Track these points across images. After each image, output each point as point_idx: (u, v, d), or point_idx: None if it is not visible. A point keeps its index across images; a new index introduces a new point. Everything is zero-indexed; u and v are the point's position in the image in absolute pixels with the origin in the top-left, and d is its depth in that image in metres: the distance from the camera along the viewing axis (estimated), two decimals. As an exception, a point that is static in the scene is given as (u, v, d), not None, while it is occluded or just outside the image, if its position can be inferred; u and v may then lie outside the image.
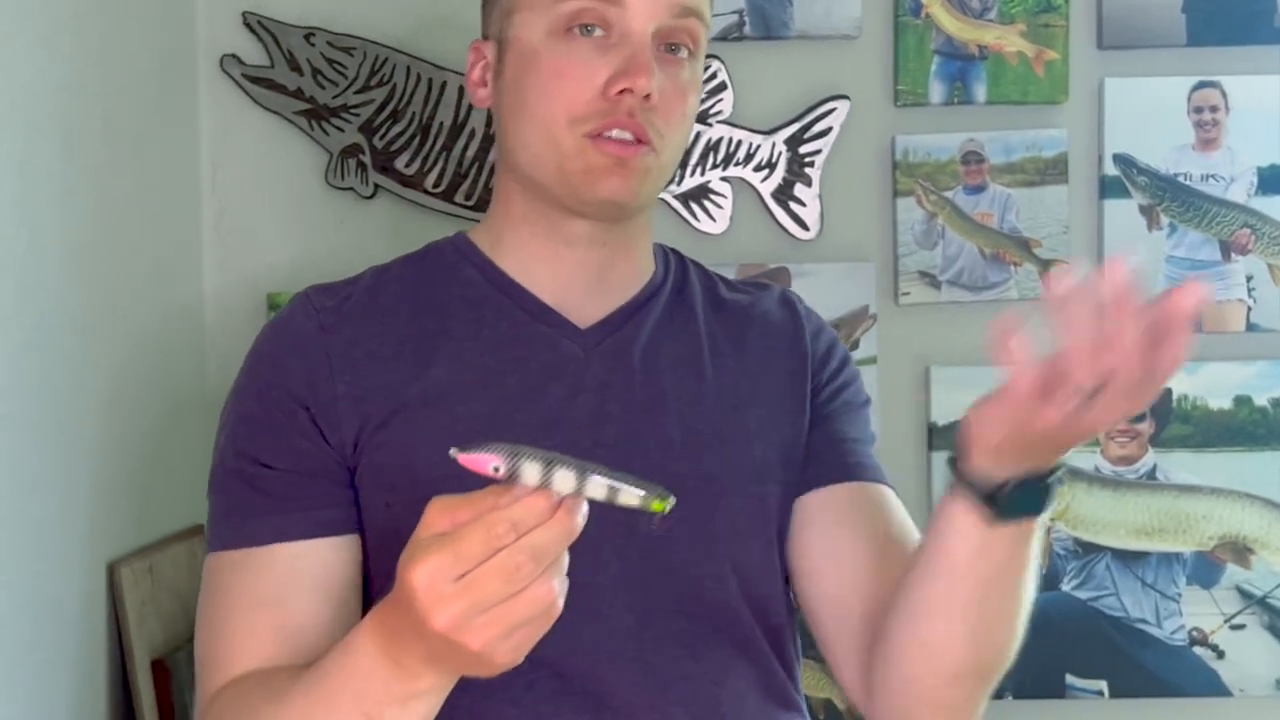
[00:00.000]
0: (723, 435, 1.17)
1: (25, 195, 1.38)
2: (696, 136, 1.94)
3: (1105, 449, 1.97)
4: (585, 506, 0.84)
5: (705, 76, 1.63)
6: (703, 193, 1.97)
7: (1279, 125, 1.97)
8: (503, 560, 0.82)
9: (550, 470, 0.83)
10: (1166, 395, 1.97)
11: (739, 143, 1.97)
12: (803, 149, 1.97)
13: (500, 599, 0.83)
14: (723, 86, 1.95)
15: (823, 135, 1.97)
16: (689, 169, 1.96)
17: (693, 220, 1.96)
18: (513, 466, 0.83)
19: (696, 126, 1.83)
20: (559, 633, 0.87)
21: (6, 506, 1.33)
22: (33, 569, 1.38)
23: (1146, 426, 1.97)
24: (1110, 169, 1.97)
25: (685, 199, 1.96)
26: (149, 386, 1.70)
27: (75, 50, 1.52)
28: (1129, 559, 1.98)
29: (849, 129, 1.97)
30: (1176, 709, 2.00)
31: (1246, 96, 1.97)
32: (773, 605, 1.18)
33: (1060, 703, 1.98)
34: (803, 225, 1.97)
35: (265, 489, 1.11)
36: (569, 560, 0.85)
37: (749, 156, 1.97)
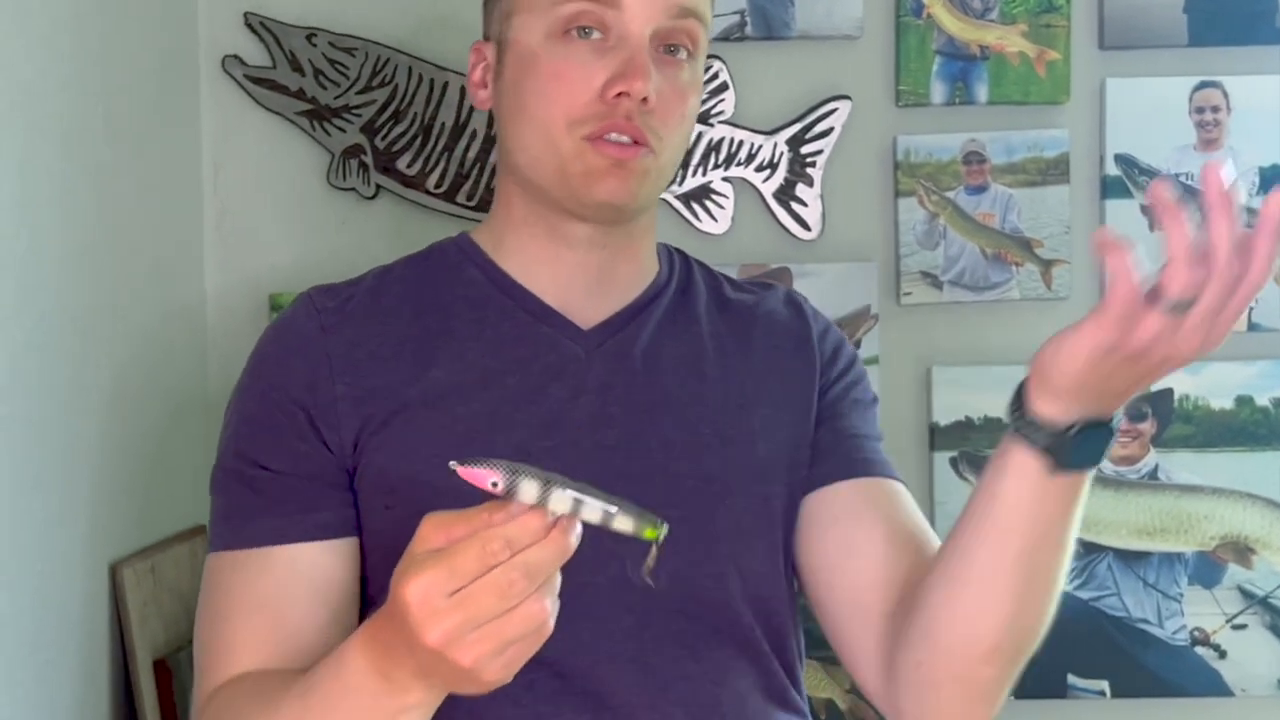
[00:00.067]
0: (726, 436, 1.17)
1: (26, 195, 1.38)
2: (698, 137, 1.93)
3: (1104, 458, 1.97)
4: (579, 527, 0.85)
5: (706, 77, 1.63)
6: (704, 193, 1.97)
7: (1280, 125, 1.98)
8: (496, 577, 0.83)
9: (547, 490, 0.83)
10: (1168, 395, 1.97)
11: (740, 143, 1.96)
12: (804, 149, 1.97)
13: (493, 615, 0.83)
14: (724, 87, 1.95)
15: (824, 135, 1.97)
16: (690, 169, 1.95)
17: (694, 220, 1.96)
18: (511, 483, 0.83)
19: (698, 127, 1.83)
20: (559, 633, 0.87)
21: (8, 507, 1.33)
22: (35, 569, 1.38)
23: (1148, 426, 1.97)
24: (1112, 169, 1.97)
25: (687, 199, 1.96)
26: (150, 387, 1.70)
27: (76, 50, 1.52)
28: (1131, 559, 1.98)
29: (850, 129, 1.97)
30: (1178, 709, 2.00)
31: (1248, 96, 1.96)
32: (775, 606, 1.18)
33: (1062, 703, 1.97)
34: (804, 225, 1.97)
35: (264, 491, 1.12)
36: (568, 559, 0.85)
37: (750, 157, 1.97)
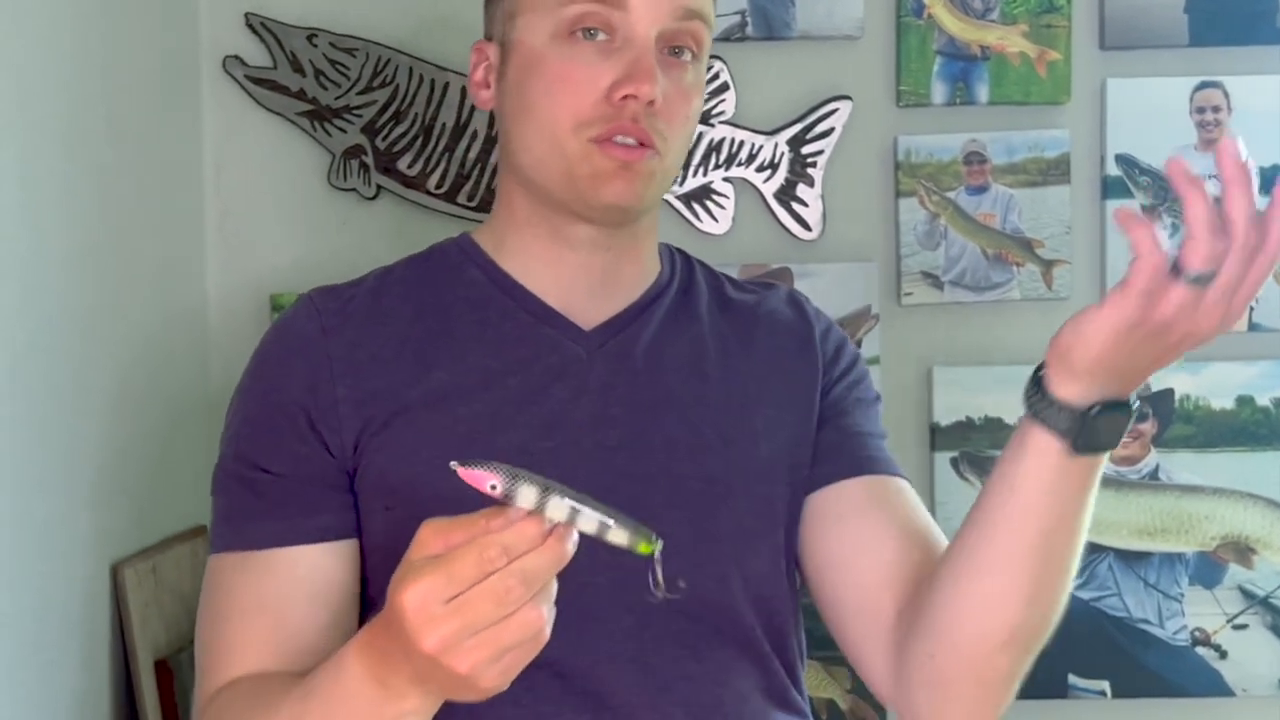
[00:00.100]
0: (727, 436, 1.17)
1: (28, 197, 1.38)
2: (699, 137, 1.94)
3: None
4: (576, 535, 0.85)
5: (707, 77, 1.63)
6: (705, 193, 1.97)
7: (1281, 125, 1.98)
8: (494, 584, 0.83)
9: (545, 497, 0.83)
10: (1169, 395, 1.97)
11: (741, 143, 1.96)
12: (805, 149, 1.97)
13: (490, 622, 0.84)
14: (725, 87, 1.95)
15: (825, 136, 1.97)
16: (691, 170, 1.95)
17: (695, 221, 1.96)
18: (510, 488, 0.83)
19: (699, 127, 1.83)
20: (559, 633, 0.87)
21: (10, 507, 1.33)
22: (37, 570, 1.39)
23: (1149, 427, 1.97)
24: (1112, 169, 1.97)
25: (688, 200, 1.96)
26: (152, 387, 1.70)
27: (77, 52, 1.52)
28: (1131, 559, 1.98)
29: (851, 129, 1.97)
30: (1179, 709, 2.00)
31: (1249, 97, 1.96)
32: (777, 606, 1.18)
33: (1063, 703, 1.97)
34: (805, 226, 1.97)
35: (264, 493, 1.12)
36: (568, 560, 0.86)
37: (751, 157, 1.97)
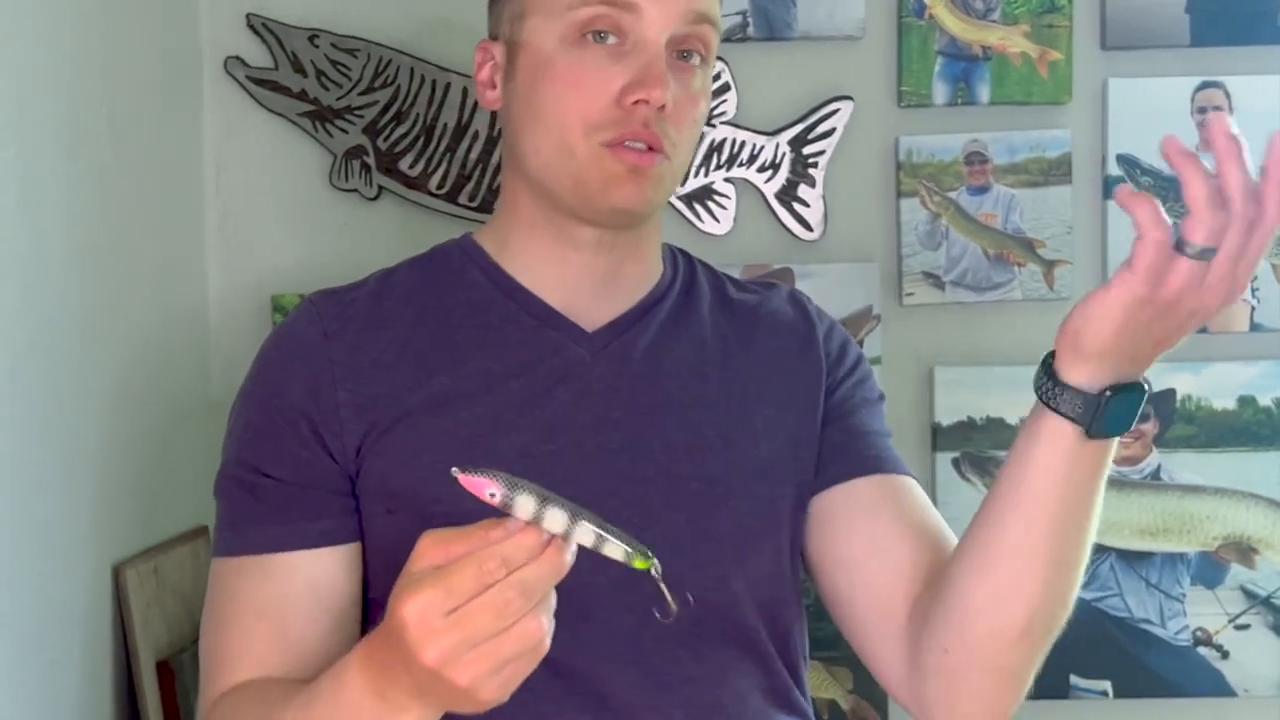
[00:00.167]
0: (727, 437, 1.17)
1: (29, 197, 1.38)
2: (700, 137, 1.93)
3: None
4: (575, 546, 0.85)
5: (709, 77, 1.63)
6: (706, 194, 1.97)
7: (1283, 125, 1.98)
8: (493, 596, 0.83)
9: (544, 508, 0.84)
10: (1170, 396, 1.96)
11: (743, 144, 1.96)
12: (806, 150, 1.97)
13: (490, 634, 0.84)
14: (726, 87, 1.95)
15: (826, 136, 1.97)
16: (693, 170, 1.95)
17: (696, 221, 1.96)
18: (508, 497, 0.83)
19: (700, 127, 1.83)
20: (560, 633, 0.87)
21: (12, 508, 1.33)
22: (38, 571, 1.39)
23: (1151, 427, 1.97)
24: (1114, 169, 1.97)
25: (689, 200, 1.96)
26: (153, 388, 1.70)
27: (78, 52, 1.52)
28: (1133, 559, 1.98)
29: (852, 130, 1.97)
30: (1181, 709, 2.00)
31: (1250, 97, 1.96)
32: (780, 607, 1.18)
33: (1064, 703, 1.97)
34: (806, 226, 1.97)
35: (266, 498, 1.12)
36: (566, 571, 0.86)
37: (753, 157, 1.97)
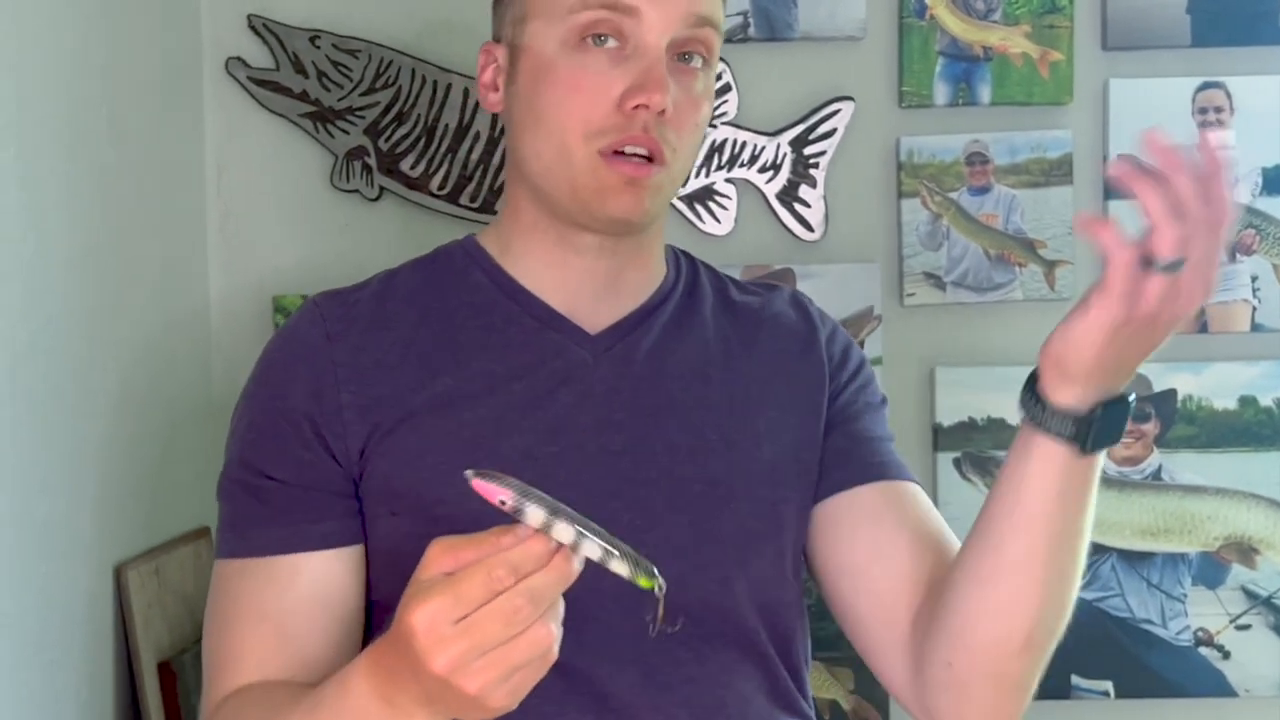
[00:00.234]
0: (730, 440, 1.17)
1: (31, 199, 1.38)
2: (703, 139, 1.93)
3: (1110, 450, 1.97)
4: (583, 557, 0.86)
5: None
6: (707, 194, 1.97)
7: (1284, 126, 1.98)
8: (502, 604, 0.83)
9: (553, 519, 0.84)
10: (1171, 396, 1.96)
11: (744, 144, 1.97)
12: (807, 150, 1.97)
13: (499, 642, 0.84)
14: (727, 88, 1.95)
15: (827, 136, 1.97)
16: (694, 171, 1.95)
17: (698, 222, 1.96)
18: (519, 505, 0.84)
19: (701, 128, 1.83)
20: (564, 634, 0.87)
21: (13, 508, 1.33)
22: (40, 571, 1.39)
23: (1151, 427, 1.97)
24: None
25: (690, 201, 1.96)
26: (155, 389, 1.70)
27: (79, 53, 1.52)
28: (1134, 559, 1.98)
29: (854, 130, 1.97)
30: (1182, 709, 2.00)
31: (1251, 97, 1.96)
32: (781, 610, 1.18)
33: (1066, 703, 1.97)
34: (807, 226, 1.97)
35: (269, 500, 1.12)
36: (574, 579, 0.86)
37: (754, 158, 1.97)
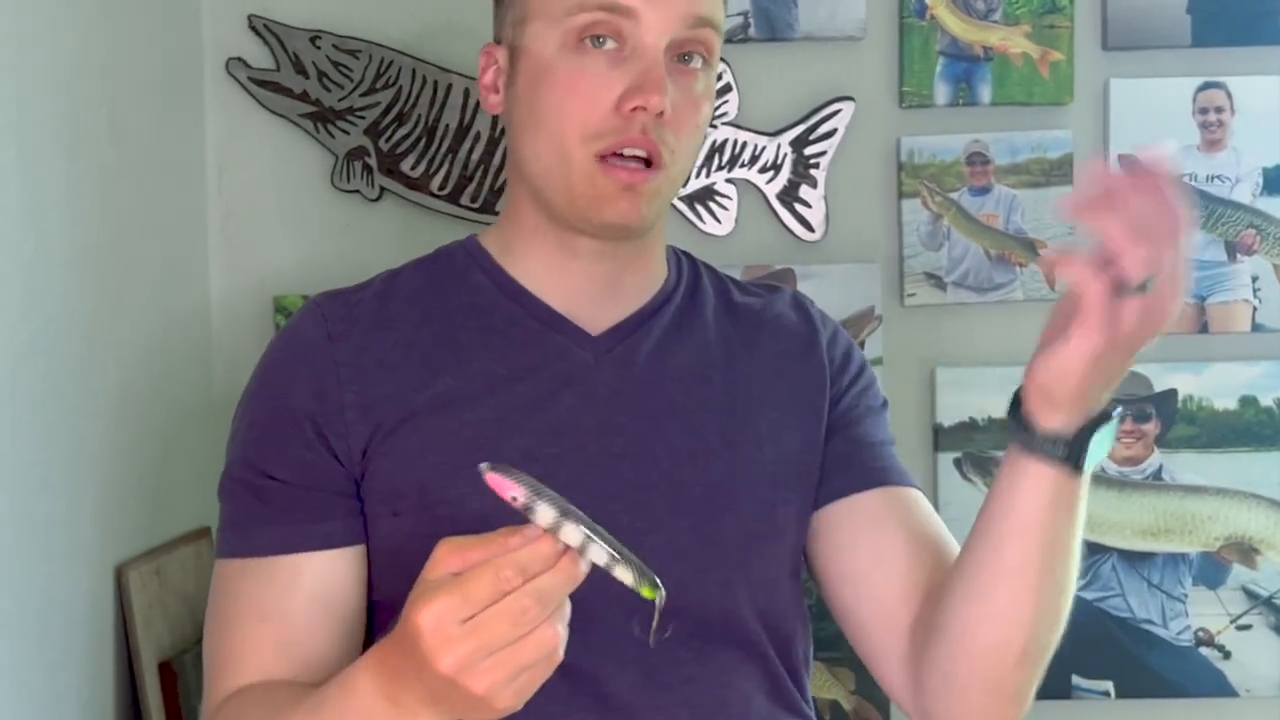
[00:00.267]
0: (731, 442, 1.17)
1: (32, 199, 1.38)
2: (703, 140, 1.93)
3: (1110, 451, 1.97)
4: (589, 560, 0.86)
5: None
6: (708, 194, 1.97)
7: (1284, 126, 1.98)
8: (509, 604, 0.83)
9: (562, 520, 0.84)
10: (1172, 396, 1.96)
11: (744, 144, 1.97)
12: (808, 150, 1.97)
13: (506, 642, 0.84)
14: (728, 88, 1.95)
15: (828, 137, 1.97)
16: (694, 171, 1.95)
17: (698, 222, 1.96)
18: (530, 503, 0.84)
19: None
20: (568, 635, 0.87)
21: (15, 509, 1.34)
22: (41, 571, 1.39)
23: (1152, 427, 1.97)
24: (1115, 170, 1.96)
25: (690, 201, 1.96)
26: (156, 389, 1.71)
27: (80, 54, 1.52)
28: (1135, 560, 1.98)
29: (854, 130, 1.97)
30: (1183, 709, 2.00)
31: (1251, 97, 1.96)
32: (782, 612, 1.18)
33: (1066, 703, 1.97)
34: (808, 227, 1.98)
35: (270, 500, 1.11)
36: (581, 580, 0.86)
37: (754, 158, 1.97)
